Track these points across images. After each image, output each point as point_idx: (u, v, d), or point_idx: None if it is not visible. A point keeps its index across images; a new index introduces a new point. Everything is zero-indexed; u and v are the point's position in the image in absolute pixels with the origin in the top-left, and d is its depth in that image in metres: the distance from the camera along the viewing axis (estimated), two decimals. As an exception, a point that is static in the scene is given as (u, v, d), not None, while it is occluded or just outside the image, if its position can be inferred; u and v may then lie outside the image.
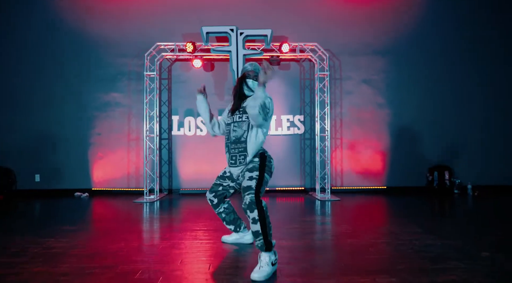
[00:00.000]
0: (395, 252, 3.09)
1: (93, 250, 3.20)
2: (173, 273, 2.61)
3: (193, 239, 3.60)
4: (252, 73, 3.08)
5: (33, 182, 7.08)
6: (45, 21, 7.05)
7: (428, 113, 7.15)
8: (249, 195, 2.72)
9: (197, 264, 2.84)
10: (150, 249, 3.26)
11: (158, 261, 2.88)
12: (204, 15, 7.01)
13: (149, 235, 3.79)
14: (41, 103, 7.04)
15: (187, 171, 7.13)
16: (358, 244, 3.37)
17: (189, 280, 2.51)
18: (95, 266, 2.75)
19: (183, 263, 2.86)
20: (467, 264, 2.76)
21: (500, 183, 7.07)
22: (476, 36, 7.19)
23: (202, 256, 3.06)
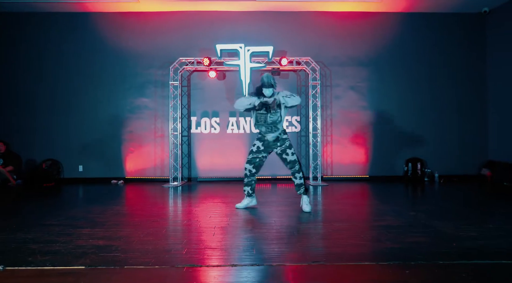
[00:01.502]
0: (355, 218, 4.56)
1: (151, 217, 4.68)
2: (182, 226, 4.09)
3: (207, 208, 5.08)
4: (267, 84, 4.66)
5: (77, 171, 8.61)
6: (91, 40, 8.55)
7: (405, 114, 8.58)
8: (297, 164, 4.84)
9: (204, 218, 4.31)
10: (189, 213, 4.74)
11: (197, 217, 4.36)
12: (218, 33, 8.48)
13: (186, 208, 5.28)
14: (84, 106, 8.54)
15: (203, 163, 8.62)
16: (331, 209, 4.84)
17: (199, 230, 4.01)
18: (136, 220, 4.24)
19: (195, 220, 4.35)
20: (395, 218, 4.22)
21: (462, 172, 8.51)
22: (445, 46, 8.59)
23: (212, 216, 4.54)
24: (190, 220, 4.45)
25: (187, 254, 3.03)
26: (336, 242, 3.42)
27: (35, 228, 3.92)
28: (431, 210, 4.84)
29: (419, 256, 2.95)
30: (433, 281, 2.48)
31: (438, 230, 3.76)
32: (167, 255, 2.99)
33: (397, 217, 4.37)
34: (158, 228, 3.92)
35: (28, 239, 3.49)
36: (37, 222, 4.21)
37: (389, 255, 2.96)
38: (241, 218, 4.44)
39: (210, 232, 3.79)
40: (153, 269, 2.70)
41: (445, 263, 2.78)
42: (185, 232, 3.84)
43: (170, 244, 3.33)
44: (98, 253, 3.07)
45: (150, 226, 4.05)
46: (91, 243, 3.36)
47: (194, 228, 4.01)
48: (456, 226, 3.91)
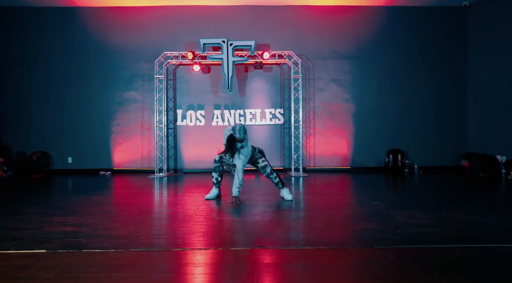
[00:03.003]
0: (321, 204, 4.78)
1: (128, 202, 4.92)
2: (173, 211, 4.32)
3: (182, 198, 5.32)
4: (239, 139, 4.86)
5: (66, 163, 8.86)
6: (82, 37, 8.76)
7: (386, 106, 8.76)
8: (268, 168, 5.15)
9: (190, 205, 4.54)
10: (164, 200, 4.97)
11: (165, 205, 4.59)
12: (202, 27, 8.65)
13: (167, 197, 5.51)
14: (73, 99, 8.78)
15: (189, 154, 8.85)
16: (300, 199, 5.06)
17: (185, 212, 4.24)
18: (130, 208, 4.48)
19: (181, 206, 4.57)
20: (358, 207, 4.44)
21: (441, 164, 8.70)
22: (425, 39, 8.74)
23: (194, 203, 4.77)
24: (160, 208, 4.69)
25: (144, 239, 3.26)
26: (287, 229, 3.65)
27: (14, 216, 4.17)
28: (396, 200, 5.05)
29: (360, 241, 3.17)
30: (361, 262, 2.70)
31: (392, 218, 3.97)
32: (125, 240, 3.22)
33: (360, 206, 4.59)
34: (127, 216, 4.15)
35: (3, 226, 3.73)
36: (18, 211, 4.45)
37: (332, 241, 3.18)
38: (210, 207, 4.67)
39: (175, 219, 4.02)
40: (108, 252, 2.93)
41: (380, 248, 3.00)
42: (151, 220, 4.07)
43: (132, 230, 3.56)
44: (63, 238, 3.30)
45: (121, 214, 4.29)
46: (59, 229, 3.60)
47: (161, 216, 4.25)
48: (412, 215, 4.12)
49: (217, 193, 5.26)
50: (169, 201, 5.22)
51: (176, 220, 4.00)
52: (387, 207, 4.51)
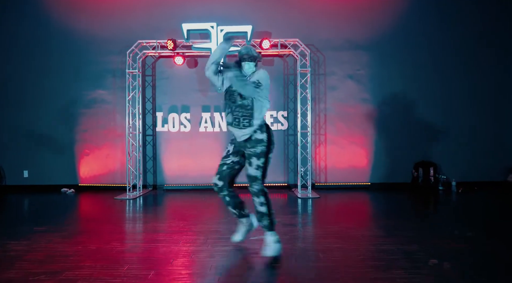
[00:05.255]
0: (344, 259, 3.10)
1: (49, 253, 3.27)
2: (112, 281, 2.65)
3: (155, 242, 3.64)
4: (247, 57, 3.27)
5: (21, 178, 7.21)
6: (33, 19, 7.10)
7: (413, 108, 7.07)
8: (257, 184, 3.16)
9: (142, 270, 2.87)
10: (105, 252, 3.30)
11: (105, 267, 2.92)
12: (187, 12, 6.98)
13: (111, 237, 3.83)
14: (29, 100, 7.13)
15: (171, 167, 7.18)
16: (311, 249, 3.39)
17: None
18: (41, 272, 2.82)
19: (129, 268, 2.90)
20: (410, 274, 2.75)
21: (485, 179, 6.99)
22: (460, 29, 7.04)
23: (150, 260, 3.10)
24: (88, 278, 3.03)
25: None
26: None
27: None
28: (459, 251, 3.36)
29: None
30: None
31: None
32: None
33: (411, 271, 2.91)
34: None
35: None
36: None
37: None
38: (190, 262, 2.99)
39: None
40: None
41: None
42: None
43: None
44: None
45: None
46: None
47: None
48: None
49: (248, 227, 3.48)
50: (118, 252, 3.53)
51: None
52: (454, 271, 2.82)
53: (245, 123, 3.16)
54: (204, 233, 3.89)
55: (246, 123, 3.16)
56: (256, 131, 3.19)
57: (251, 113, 3.16)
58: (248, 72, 3.29)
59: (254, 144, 3.18)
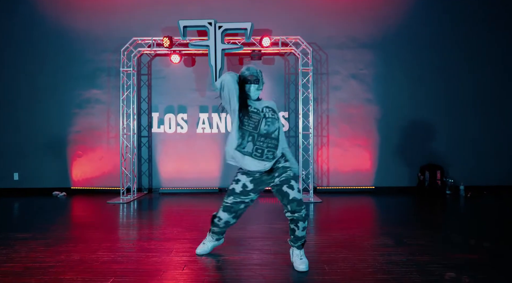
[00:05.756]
0: (351, 272, 2.81)
1: (28, 264, 2.98)
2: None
3: (146, 252, 3.36)
4: (252, 78, 2.85)
5: (11, 180, 6.93)
6: (25, 15, 6.85)
7: (419, 109, 6.80)
8: (305, 208, 2.84)
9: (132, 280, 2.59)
10: (89, 263, 3.02)
11: (87, 281, 2.64)
12: (184, 8, 6.72)
13: (98, 245, 3.55)
14: (21, 100, 6.88)
15: (167, 170, 6.91)
16: (317, 259, 3.10)
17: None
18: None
19: (114, 282, 2.62)
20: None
21: (494, 183, 6.70)
22: (469, 29, 6.78)
23: (138, 272, 2.81)
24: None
25: None
26: None
27: None
28: (477, 262, 3.08)
29: None
30: None
31: None
32: None
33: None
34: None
35: None
36: None
37: None
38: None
39: None
40: None
41: None
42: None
43: None
44: None
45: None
46: None
47: None
48: None
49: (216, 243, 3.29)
50: (102, 263, 3.24)
51: None
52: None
53: (268, 155, 2.78)
54: (199, 241, 3.60)
55: (270, 156, 2.79)
56: (280, 162, 2.86)
57: (276, 145, 2.81)
58: (254, 96, 2.88)
59: (283, 169, 2.85)
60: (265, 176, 2.84)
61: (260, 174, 2.84)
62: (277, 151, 2.81)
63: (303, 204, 2.83)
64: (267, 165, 2.79)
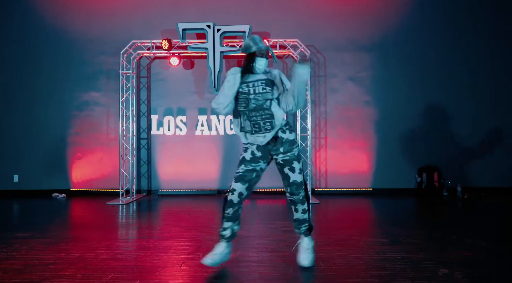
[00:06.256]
0: (346, 269, 2.85)
1: (28, 261, 3.02)
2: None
3: (144, 250, 3.41)
4: (262, 51, 2.81)
5: (11, 182, 6.96)
6: (25, 17, 6.91)
7: (417, 111, 6.85)
8: (303, 191, 2.86)
9: (127, 280, 2.63)
10: (88, 260, 3.06)
11: (87, 277, 2.68)
12: (183, 11, 6.79)
13: (97, 244, 3.59)
14: (20, 101, 6.92)
15: (166, 172, 6.95)
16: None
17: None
18: (17, 282, 2.57)
19: (113, 278, 2.66)
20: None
21: (491, 185, 6.74)
22: (466, 30, 6.84)
23: (136, 268, 2.85)
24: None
25: None
26: None
27: None
28: (471, 259, 3.12)
29: None
30: None
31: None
32: None
33: (420, 281, 2.66)
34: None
35: None
36: None
37: None
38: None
39: None
40: None
41: None
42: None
43: None
44: None
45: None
46: None
47: None
48: None
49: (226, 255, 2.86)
50: (101, 260, 3.27)
51: None
52: (466, 280, 2.57)
53: (266, 126, 2.76)
54: (196, 240, 3.65)
55: (268, 127, 2.77)
56: (285, 131, 2.82)
57: (271, 114, 2.77)
58: (262, 69, 2.85)
59: (289, 146, 2.81)
60: (271, 145, 2.82)
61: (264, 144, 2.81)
62: (275, 120, 2.76)
63: (302, 186, 2.85)
64: (268, 135, 2.77)
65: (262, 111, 2.77)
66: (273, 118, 2.77)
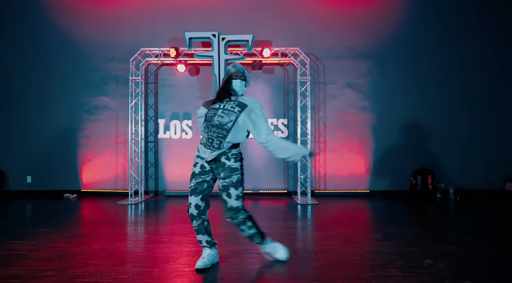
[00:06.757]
0: (341, 259, 3.18)
1: (55, 252, 3.35)
2: (118, 277, 2.74)
3: (159, 243, 3.73)
4: (238, 74, 3.00)
5: (24, 183, 7.29)
6: (37, 25, 7.27)
7: (412, 116, 7.18)
8: (241, 214, 2.94)
9: (146, 268, 2.96)
10: (110, 252, 3.39)
11: (110, 265, 3.01)
12: (189, 20, 7.14)
13: (115, 238, 3.92)
14: (33, 105, 7.25)
15: (172, 173, 7.28)
16: (311, 250, 3.47)
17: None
18: (48, 269, 2.90)
19: (134, 266, 2.99)
20: (405, 272, 2.84)
21: (482, 187, 7.08)
22: (462, 37, 7.19)
23: (153, 258, 3.18)
24: (94, 274, 3.11)
25: None
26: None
27: None
28: (453, 253, 3.44)
29: None
30: None
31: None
32: None
33: (408, 270, 2.98)
34: None
35: None
36: None
37: None
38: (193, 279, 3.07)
39: None
40: None
41: None
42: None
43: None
44: None
45: None
46: None
47: None
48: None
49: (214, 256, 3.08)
50: (122, 252, 3.60)
51: None
52: (451, 272, 2.90)
53: (215, 145, 2.84)
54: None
55: (216, 145, 2.84)
56: (229, 159, 2.89)
57: (225, 135, 2.85)
58: (240, 91, 3.02)
59: (228, 173, 2.87)
60: (213, 165, 2.90)
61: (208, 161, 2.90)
62: (225, 142, 2.84)
63: (239, 211, 2.92)
64: (213, 153, 2.84)
65: (220, 130, 2.85)
66: (224, 139, 2.84)
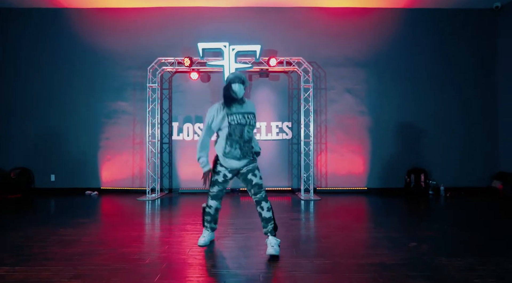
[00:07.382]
0: (341, 242, 3.81)
1: (101, 237, 3.97)
2: (161, 255, 3.36)
3: (181, 230, 4.35)
4: (236, 79, 3.38)
5: (49, 181, 7.91)
6: (64, 36, 7.88)
7: (406, 119, 7.80)
8: (264, 191, 3.49)
9: (179, 247, 3.58)
10: (145, 237, 4.01)
11: (150, 246, 3.63)
12: (201, 31, 7.76)
13: (145, 227, 4.55)
14: (56, 110, 7.86)
15: (185, 172, 7.89)
16: (316, 235, 4.09)
17: (172, 259, 3.27)
18: (102, 249, 3.53)
19: (170, 247, 3.61)
20: (391, 250, 3.46)
21: (471, 184, 7.70)
22: (451, 45, 7.81)
23: (185, 242, 3.80)
24: (141, 251, 3.73)
25: None
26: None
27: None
28: (436, 238, 4.07)
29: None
30: None
31: (446, 274, 3.00)
32: None
33: (393, 250, 3.60)
34: (94, 267, 3.19)
35: None
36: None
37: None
38: (203, 251, 3.70)
39: (158, 271, 3.07)
40: None
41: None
42: (125, 274, 3.11)
43: None
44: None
45: (86, 263, 3.32)
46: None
47: (141, 265, 3.29)
48: (469, 265, 3.15)
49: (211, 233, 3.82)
50: (154, 238, 4.23)
51: (159, 273, 3.03)
52: (430, 251, 3.52)
53: (248, 155, 3.47)
54: (226, 226, 4.59)
55: (249, 156, 3.48)
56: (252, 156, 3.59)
57: (252, 147, 3.54)
58: (240, 93, 3.39)
59: (251, 162, 3.51)
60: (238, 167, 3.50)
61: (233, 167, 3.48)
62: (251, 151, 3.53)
63: (263, 187, 3.47)
64: (245, 161, 3.46)
65: (249, 143, 3.46)
66: (252, 148, 3.54)
